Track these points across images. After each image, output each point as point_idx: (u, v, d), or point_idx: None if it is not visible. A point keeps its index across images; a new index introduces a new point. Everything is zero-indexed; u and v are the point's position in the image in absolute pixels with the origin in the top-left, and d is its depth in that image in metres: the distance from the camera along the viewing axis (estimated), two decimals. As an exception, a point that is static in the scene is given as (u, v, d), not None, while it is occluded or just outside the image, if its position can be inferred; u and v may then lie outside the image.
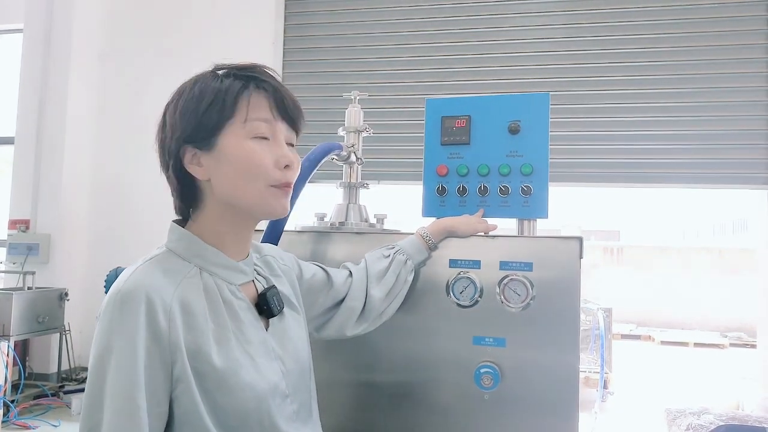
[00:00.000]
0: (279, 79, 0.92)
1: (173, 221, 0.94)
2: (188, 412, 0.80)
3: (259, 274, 0.98)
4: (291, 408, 0.92)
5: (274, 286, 0.97)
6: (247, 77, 0.88)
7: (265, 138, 0.88)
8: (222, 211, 0.90)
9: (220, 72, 0.90)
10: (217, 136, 0.86)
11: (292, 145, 0.93)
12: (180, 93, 0.90)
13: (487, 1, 4.44)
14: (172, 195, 0.94)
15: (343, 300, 1.16)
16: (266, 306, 0.92)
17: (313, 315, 1.13)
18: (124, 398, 0.75)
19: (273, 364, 0.90)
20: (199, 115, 0.86)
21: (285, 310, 0.98)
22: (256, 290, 0.95)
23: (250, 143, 0.86)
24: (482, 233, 1.27)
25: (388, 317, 1.22)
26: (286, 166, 0.88)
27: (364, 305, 1.17)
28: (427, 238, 1.25)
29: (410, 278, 1.23)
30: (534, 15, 4.36)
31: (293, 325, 0.99)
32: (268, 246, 1.09)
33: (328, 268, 1.18)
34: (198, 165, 0.88)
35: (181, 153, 0.88)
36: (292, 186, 0.91)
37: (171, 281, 0.83)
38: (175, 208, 0.95)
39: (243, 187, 0.86)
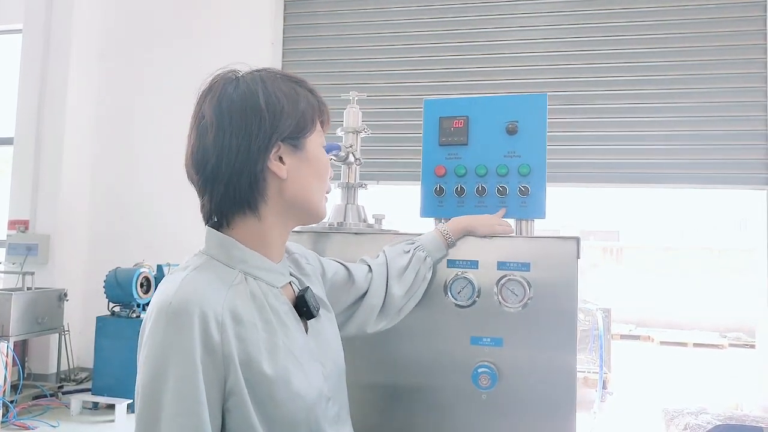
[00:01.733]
0: None
1: (209, 226, 0.89)
2: (241, 424, 0.79)
3: (292, 275, 0.98)
4: (333, 410, 0.92)
5: (309, 287, 0.96)
6: (311, 90, 0.93)
7: None
8: (282, 212, 0.89)
9: (278, 76, 0.90)
10: (307, 137, 0.90)
11: None
12: (253, 92, 0.85)
13: (485, 2, 4.44)
14: (210, 197, 0.87)
15: (363, 296, 1.15)
16: (306, 307, 0.91)
17: (336, 313, 1.11)
18: (188, 414, 0.74)
19: (315, 368, 0.89)
20: (298, 115, 0.88)
21: (320, 310, 0.97)
22: (294, 292, 0.94)
23: (323, 151, 0.94)
24: (501, 235, 1.26)
25: (406, 314, 1.22)
26: (330, 177, 0.97)
27: (384, 302, 1.16)
28: (447, 235, 1.25)
29: (429, 275, 1.23)
30: (533, 16, 4.37)
31: (328, 325, 0.99)
32: (293, 245, 1.07)
33: (348, 264, 1.16)
34: (283, 162, 0.88)
35: (270, 149, 0.85)
36: None
37: (219, 291, 0.81)
38: (209, 212, 0.88)
39: (313, 188, 0.92)
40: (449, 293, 1.25)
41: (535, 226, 1.35)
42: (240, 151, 0.83)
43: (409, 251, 1.22)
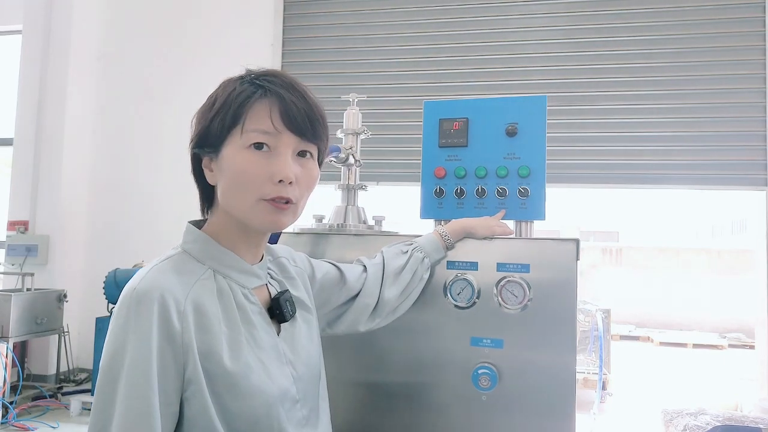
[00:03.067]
0: (299, 87, 0.88)
1: (189, 222, 0.93)
2: (198, 414, 0.80)
3: (272, 278, 0.98)
4: (301, 413, 0.92)
5: (287, 291, 0.96)
6: (258, 85, 0.86)
7: (266, 149, 0.85)
8: (229, 217, 0.90)
9: (242, 77, 0.89)
10: (222, 144, 0.86)
11: (311, 156, 0.91)
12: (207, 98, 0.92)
13: (485, 3, 4.45)
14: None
15: (356, 296, 1.15)
16: (279, 311, 0.92)
17: (325, 312, 1.12)
18: (138, 397, 0.75)
19: (284, 369, 0.90)
20: (207, 123, 0.87)
21: (298, 313, 0.98)
22: (269, 294, 0.95)
23: (246, 154, 0.84)
24: (500, 236, 1.27)
25: (402, 313, 1.22)
26: (280, 181, 0.84)
27: (377, 302, 1.16)
28: (446, 237, 1.25)
29: (426, 276, 1.23)
30: (532, 17, 4.38)
31: (305, 329, 0.99)
32: (281, 247, 1.08)
33: (341, 265, 1.17)
34: (210, 170, 0.90)
35: (200, 156, 0.91)
36: (296, 201, 0.87)
37: (185, 282, 0.83)
38: (200, 208, 0.98)
39: (234, 198, 0.86)
40: (449, 294, 1.25)
41: (535, 227, 1.35)
42: (191, 158, 0.93)
43: (407, 252, 1.22)
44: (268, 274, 0.98)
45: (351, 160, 1.49)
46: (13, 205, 4.98)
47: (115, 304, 3.41)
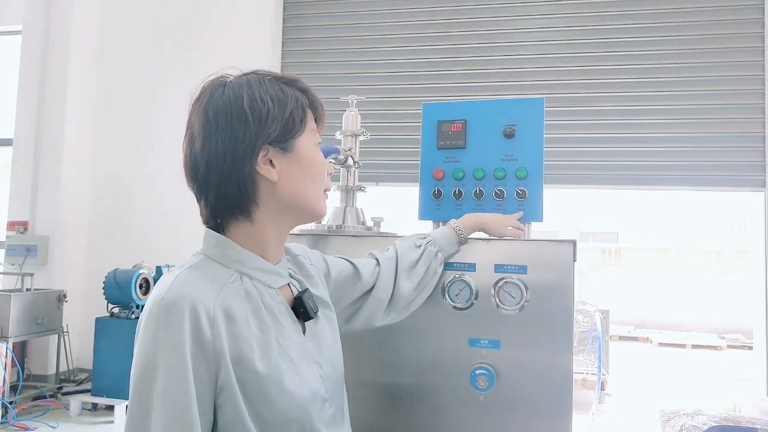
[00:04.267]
0: None
1: (208, 227, 0.91)
2: (232, 420, 0.80)
3: (292, 277, 0.98)
4: (329, 412, 0.92)
5: (308, 289, 0.97)
6: (303, 90, 0.93)
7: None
8: (277, 214, 0.90)
9: (267, 79, 0.90)
10: (296, 138, 0.90)
11: None
12: (237, 97, 0.86)
13: (483, 5, 4.46)
14: (206, 202, 0.89)
15: (370, 291, 1.15)
16: (303, 309, 0.92)
17: (341, 308, 1.12)
18: (176, 408, 0.75)
19: (312, 369, 0.90)
20: (285, 117, 0.88)
21: (320, 311, 0.98)
22: (292, 293, 0.95)
23: (315, 147, 0.94)
24: (509, 237, 1.27)
25: (416, 307, 1.22)
26: (329, 174, 0.97)
27: (392, 296, 1.16)
28: (460, 231, 1.25)
29: (440, 270, 1.23)
30: (531, 18, 4.39)
31: (327, 327, 1.00)
32: (296, 246, 1.08)
33: (354, 260, 1.17)
34: (272, 165, 0.88)
35: (256, 154, 0.86)
36: None
37: (213, 288, 0.82)
38: (207, 215, 0.90)
39: (308, 189, 0.92)
40: (447, 295, 1.26)
41: (534, 227, 1.36)
42: (226, 157, 0.85)
43: (420, 245, 1.22)
44: (289, 273, 0.98)
45: (350, 161, 1.50)
46: (12, 206, 4.99)
47: (114, 303, 3.44)
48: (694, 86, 4.10)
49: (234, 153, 0.85)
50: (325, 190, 0.96)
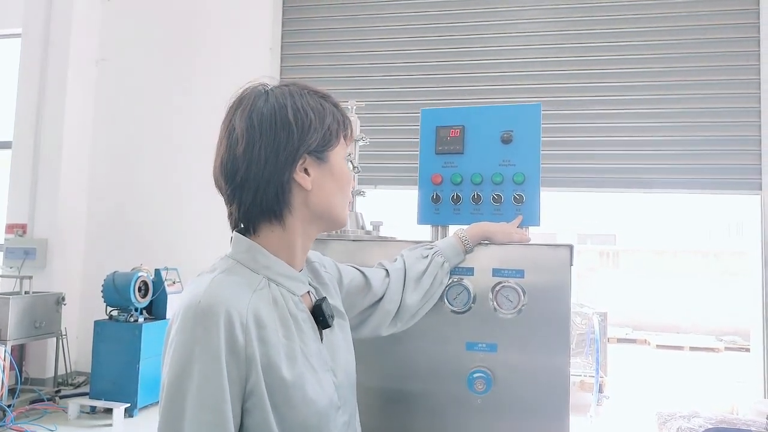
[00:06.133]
0: None
1: (236, 232, 0.93)
2: (259, 424, 0.81)
3: (309, 284, 0.99)
4: (342, 419, 0.94)
5: (326, 297, 0.98)
6: (335, 105, 0.96)
7: None
8: (306, 221, 0.92)
9: (305, 91, 0.93)
10: (330, 150, 0.93)
11: None
12: (282, 106, 0.89)
13: (482, 10, 4.48)
14: (239, 205, 0.90)
15: (379, 301, 1.17)
16: (322, 317, 0.94)
17: (350, 316, 1.13)
18: (212, 411, 0.76)
19: (328, 376, 0.92)
20: (324, 129, 0.91)
21: (335, 321, 0.99)
22: (311, 300, 0.97)
23: (345, 163, 0.97)
24: (517, 242, 1.28)
25: (421, 317, 1.24)
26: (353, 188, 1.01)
27: (399, 307, 1.18)
28: (465, 241, 1.27)
29: (446, 280, 1.25)
30: (528, 23, 4.41)
31: (341, 335, 1.01)
32: (312, 253, 1.07)
33: (364, 270, 1.18)
34: (308, 174, 0.91)
35: (296, 162, 0.89)
36: None
37: (245, 294, 0.84)
38: (237, 219, 0.91)
39: (337, 199, 0.95)
40: (445, 299, 1.27)
41: (531, 230, 1.37)
42: (268, 163, 0.87)
43: (427, 256, 1.24)
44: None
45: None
46: (11, 209, 4.99)
47: (113, 306, 3.45)
48: (690, 90, 4.12)
49: (276, 159, 0.87)
50: (348, 202, 0.99)
